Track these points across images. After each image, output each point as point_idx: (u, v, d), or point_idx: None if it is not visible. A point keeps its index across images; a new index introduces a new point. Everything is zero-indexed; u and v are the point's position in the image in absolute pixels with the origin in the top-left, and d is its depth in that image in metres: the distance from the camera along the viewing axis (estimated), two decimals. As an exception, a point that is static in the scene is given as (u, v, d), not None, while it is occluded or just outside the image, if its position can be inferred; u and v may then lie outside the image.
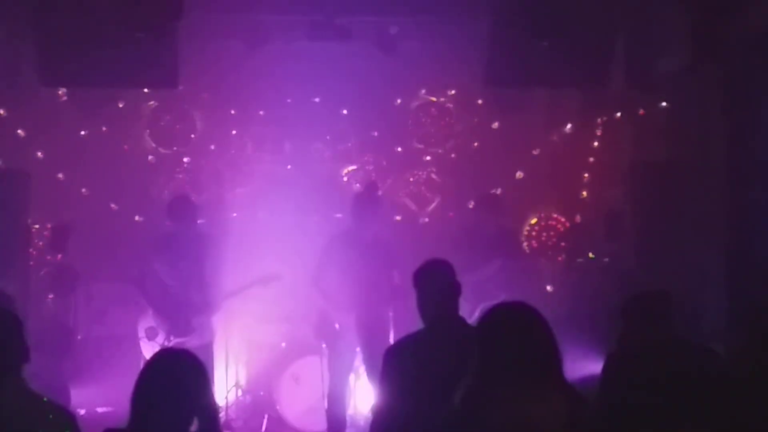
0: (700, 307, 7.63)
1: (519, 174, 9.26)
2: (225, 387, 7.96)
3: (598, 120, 9.09)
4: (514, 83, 8.24)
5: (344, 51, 8.07)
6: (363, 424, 7.75)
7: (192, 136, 9.09)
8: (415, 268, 4.30)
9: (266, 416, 8.17)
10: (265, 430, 8.06)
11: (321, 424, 7.37)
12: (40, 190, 8.47)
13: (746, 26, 6.48)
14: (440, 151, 9.32)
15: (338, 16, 7.66)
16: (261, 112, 9.06)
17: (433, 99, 9.30)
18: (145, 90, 8.71)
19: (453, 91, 9.26)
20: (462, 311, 4.33)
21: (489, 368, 2.74)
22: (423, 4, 7.53)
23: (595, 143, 9.14)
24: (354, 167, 9.23)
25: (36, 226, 8.49)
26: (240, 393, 8.30)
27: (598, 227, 8.77)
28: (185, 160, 9.10)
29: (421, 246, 7.40)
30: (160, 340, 7.22)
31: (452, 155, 9.32)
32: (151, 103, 8.98)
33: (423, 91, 9.26)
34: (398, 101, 9.26)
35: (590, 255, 8.90)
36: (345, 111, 9.13)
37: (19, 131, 8.58)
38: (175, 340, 7.16)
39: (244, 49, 8.02)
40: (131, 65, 7.33)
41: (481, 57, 7.92)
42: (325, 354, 7.39)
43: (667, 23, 7.38)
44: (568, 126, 9.20)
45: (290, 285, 8.05)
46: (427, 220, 9.26)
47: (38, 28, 7.32)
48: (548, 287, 8.88)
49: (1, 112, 8.47)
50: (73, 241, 8.35)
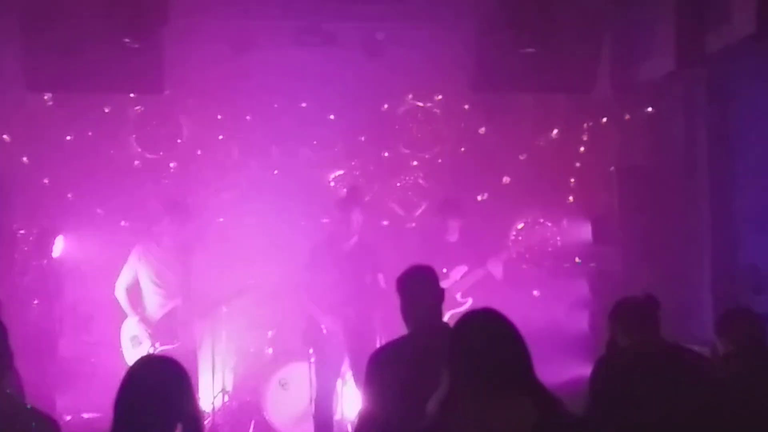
0: (686, 311, 7.67)
1: (506, 179, 9.27)
2: (212, 392, 7.94)
3: (585, 125, 9.11)
4: (500, 89, 8.28)
5: (331, 56, 8.07)
6: (350, 429, 7.77)
7: (178, 141, 9.06)
8: (399, 274, 4.30)
9: (253, 422, 8.17)
10: (252, 436, 8.06)
11: (308, 430, 7.34)
12: (26, 195, 8.46)
13: (729, 32, 6.52)
14: (427, 156, 9.31)
15: (325, 22, 7.68)
16: (248, 117, 9.06)
17: (420, 104, 9.29)
18: (132, 95, 8.67)
19: (440, 97, 9.27)
20: None
21: (457, 376, 2.75)
22: (409, 10, 7.55)
23: (582, 148, 9.15)
24: (341, 172, 9.23)
25: (21, 231, 8.44)
26: (227, 398, 8.28)
27: (585, 232, 8.79)
28: (171, 165, 9.07)
29: (409, 251, 7.41)
30: (145, 346, 7.20)
31: (439, 160, 9.32)
32: (138, 108, 8.94)
33: (410, 96, 9.26)
34: (385, 106, 9.26)
35: (576, 260, 8.93)
36: (332, 116, 9.12)
37: (4, 136, 8.54)
38: (159, 347, 7.15)
39: (230, 54, 8.02)
40: (117, 70, 7.35)
41: (468, 62, 7.96)
42: (312, 359, 7.39)
43: (652, 29, 7.42)
44: (555, 131, 9.22)
45: (277, 290, 8.05)
46: (414, 225, 9.26)
47: (24, 34, 7.32)
48: (535, 292, 8.89)
49: (-14, 118, 8.45)
50: (58, 247, 8.33)
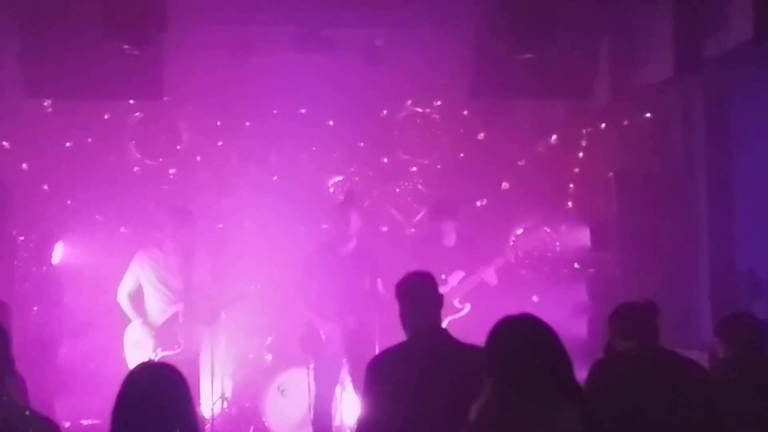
0: (685, 316, 7.68)
1: (505, 185, 9.26)
2: (211, 399, 7.93)
3: (583, 131, 9.10)
4: (499, 95, 8.30)
5: (330, 62, 8.07)
6: (349, 435, 7.77)
7: (178, 148, 9.05)
8: (398, 280, 4.30)
9: (252, 428, 8.16)
10: (252, 442, 8.06)
11: (307, 436, 7.36)
12: (26, 201, 8.44)
13: (727, 38, 6.54)
14: (426, 161, 9.31)
15: (324, 28, 7.68)
16: (247, 123, 9.06)
17: (419, 110, 9.29)
18: (131, 101, 8.68)
19: (439, 102, 9.26)
20: None
21: (503, 383, 2.73)
22: (408, 16, 7.56)
23: (581, 154, 9.14)
24: (340, 178, 9.22)
25: (21, 238, 8.44)
26: (226, 405, 8.28)
27: (584, 237, 8.79)
28: (171, 171, 9.06)
29: (408, 256, 7.41)
30: (148, 352, 7.20)
31: (438, 166, 9.31)
32: (137, 114, 8.93)
33: (409, 102, 9.26)
34: (384, 112, 9.26)
35: (576, 265, 8.93)
36: (331, 122, 9.12)
37: (4, 143, 8.53)
38: (161, 353, 7.14)
39: (229, 60, 8.01)
40: (117, 77, 7.36)
41: (467, 68, 7.97)
42: (311, 365, 7.39)
43: (650, 35, 7.44)
44: (554, 137, 9.21)
45: (276, 296, 8.05)
46: (413, 230, 9.25)
47: (23, 40, 7.33)
48: (534, 298, 8.89)
49: (-14, 124, 8.45)
50: (58, 253, 8.33)
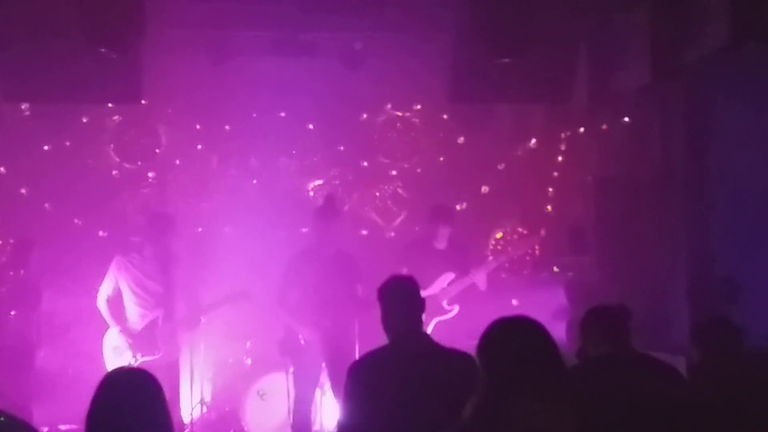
0: (662, 320, 7.71)
1: (484, 188, 9.32)
2: (190, 403, 7.90)
3: (562, 135, 9.17)
4: (478, 99, 8.33)
5: (310, 66, 8.09)
6: (328, 439, 7.76)
7: (157, 151, 9.04)
8: (379, 284, 4.31)
9: (232, 432, 8.14)
10: (231, 447, 8.03)
11: (287, 440, 7.34)
12: (3, 205, 8.41)
13: (705, 43, 6.59)
14: (406, 165, 9.35)
15: (303, 32, 7.69)
16: (226, 126, 9.04)
17: (399, 114, 9.33)
18: (110, 105, 8.66)
19: (418, 106, 9.31)
20: None
21: (497, 383, 2.75)
22: (387, 20, 7.57)
23: (559, 158, 9.21)
24: (320, 182, 9.23)
25: (-2, 242, 8.41)
26: (205, 409, 8.25)
27: (563, 241, 8.83)
28: (150, 174, 9.04)
29: (388, 260, 7.42)
30: (127, 357, 7.15)
31: (418, 170, 9.35)
32: (116, 117, 8.91)
33: (389, 106, 9.29)
34: (364, 116, 9.28)
35: (555, 269, 8.97)
36: (311, 126, 9.13)
37: (-19, 146, 8.50)
38: (141, 358, 7.11)
39: (208, 64, 8.01)
40: (95, 80, 7.33)
41: (446, 73, 7.99)
42: (291, 370, 7.38)
43: (628, 40, 7.49)
44: (533, 141, 9.27)
45: (255, 301, 8.03)
46: (393, 234, 9.27)
47: (0, 44, 7.28)
48: (514, 301, 8.92)
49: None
50: (36, 257, 8.27)
